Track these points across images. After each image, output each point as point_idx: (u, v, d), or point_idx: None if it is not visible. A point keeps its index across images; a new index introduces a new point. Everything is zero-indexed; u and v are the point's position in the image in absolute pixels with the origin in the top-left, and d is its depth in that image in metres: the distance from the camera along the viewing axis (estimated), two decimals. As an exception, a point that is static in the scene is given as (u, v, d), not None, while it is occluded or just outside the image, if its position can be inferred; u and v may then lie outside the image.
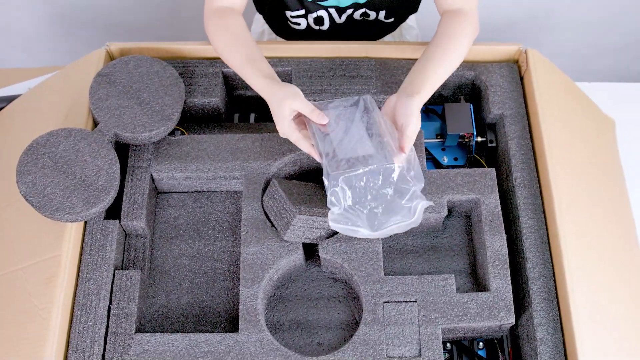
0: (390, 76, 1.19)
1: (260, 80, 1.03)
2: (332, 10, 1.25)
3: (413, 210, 0.98)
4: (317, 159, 1.00)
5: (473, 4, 1.12)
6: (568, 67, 1.82)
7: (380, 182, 0.97)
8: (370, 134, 0.99)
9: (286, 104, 0.99)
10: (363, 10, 1.25)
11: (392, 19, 1.30)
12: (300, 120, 1.03)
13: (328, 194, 0.96)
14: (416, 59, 1.09)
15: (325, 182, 0.97)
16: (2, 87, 1.36)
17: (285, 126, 1.00)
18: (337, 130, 0.99)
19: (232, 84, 1.23)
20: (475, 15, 1.13)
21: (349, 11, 1.25)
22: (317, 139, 0.99)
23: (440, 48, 1.08)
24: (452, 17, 1.11)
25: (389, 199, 0.98)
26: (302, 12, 1.25)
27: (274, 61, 1.19)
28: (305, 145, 1.01)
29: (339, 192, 0.96)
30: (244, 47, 1.08)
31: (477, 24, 1.14)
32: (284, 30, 1.35)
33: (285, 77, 1.20)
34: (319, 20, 1.27)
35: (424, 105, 1.25)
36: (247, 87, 1.18)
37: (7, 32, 1.96)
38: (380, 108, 1.05)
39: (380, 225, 0.98)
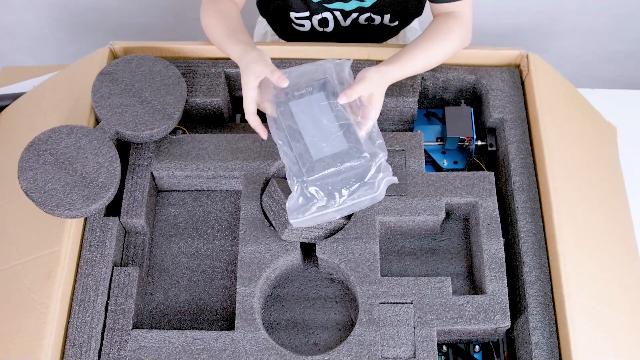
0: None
1: (236, 47, 1.03)
2: (338, 13, 1.25)
3: (377, 185, 0.98)
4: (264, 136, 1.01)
5: (467, 13, 1.13)
6: (573, 73, 1.82)
7: (353, 175, 0.97)
8: (341, 123, 0.98)
9: (251, 68, 0.99)
10: (368, 14, 1.26)
11: (396, 23, 1.31)
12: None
13: (295, 194, 0.97)
14: None
15: (294, 183, 0.97)
16: (7, 85, 1.37)
17: (248, 89, 0.99)
18: (307, 124, 0.98)
19: (234, 84, 1.24)
20: (468, 24, 1.14)
21: (354, 15, 1.26)
22: (286, 136, 0.98)
23: (426, 40, 1.10)
24: (445, 18, 1.12)
25: (352, 179, 0.98)
26: (307, 13, 1.26)
27: (276, 62, 1.20)
28: (251, 120, 1.01)
29: (314, 193, 0.97)
30: (227, 22, 1.09)
31: (470, 32, 1.15)
32: (287, 32, 1.36)
33: (287, 79, 1.21)
34: (323, 22, 1.28)
35: (425, 108, 1.26)
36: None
37: (14, 34, 1.97)
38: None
39: (341, 203, 0.98)
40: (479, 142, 1.19)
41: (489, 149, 1.20)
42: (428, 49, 1.10)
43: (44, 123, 1.12)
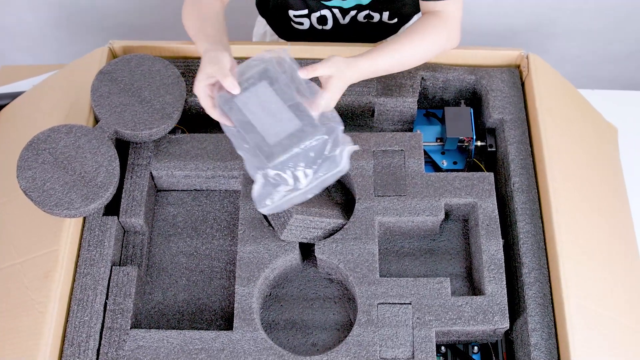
0: (392, 78, 1.19)
1: (201, 44, 1.03)
2: (336, 11, 1.25)
3: (339, 159, 0.96)
4: (229, 124, 0.98)
5: (455, 13, 1.12)
6: (573, 73, 1.82)
7: (313, 153, 0.95)
8: (290, 104, 0.96)
9: (204, 69, 0.98)
10: (367, 12, 1.26)
11: (395, 20, 1.31)
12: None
13: (258, 183, 0.94)
14: None
15: (256, 174, 0.95)
16: (6, 84, 1.37)
17: (197, 88, 0.98)
18: (256, 113, 0.97)
19: (233, 84, 1.24)
20: (455, 24, 1.12)
21: (353, 12, 1.26)
22: (238, 130, 0.97)
23: (406, 38, 1.09)
24: (430, 17, 1.11)
25: (312, 156, 0.96)
26: (305, 11, 1.25)
27: (276, 62, 1.20)
28: (213, 114, 0.99)
29: (278, 178, 0.94)
30: (201, 19, 1.07)
31: (457, 33, 1.13)
32: (286, 31, 1.36)
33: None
34: (322, 20, 1.28)
35: (425, 109, 1.26)
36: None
37: (13, 34, 1.97)
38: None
39: (307, 183, 0.95)
40: (479, 143, 1.19)
41: (489, 149, 1.20)
42: (406, 46, 1.08)
43: (43, 122, 1.12)
